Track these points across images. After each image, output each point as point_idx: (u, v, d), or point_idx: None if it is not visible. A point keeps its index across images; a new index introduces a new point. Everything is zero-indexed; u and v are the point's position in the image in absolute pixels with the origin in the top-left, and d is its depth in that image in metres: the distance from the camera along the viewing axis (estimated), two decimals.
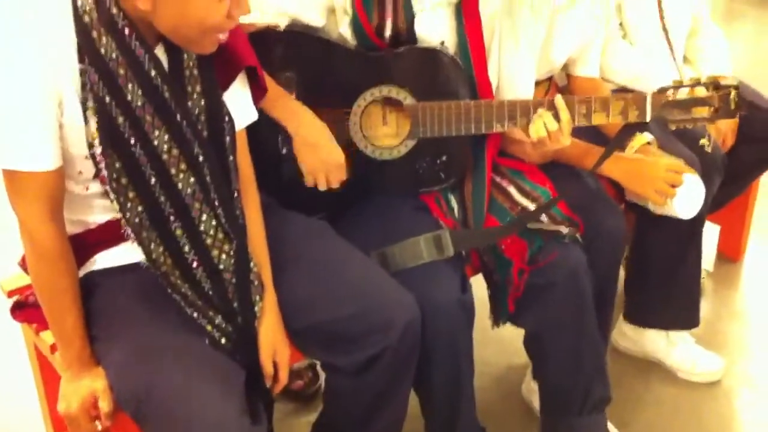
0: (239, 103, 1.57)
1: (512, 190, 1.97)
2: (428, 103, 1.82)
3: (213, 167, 1.47)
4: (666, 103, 1.86)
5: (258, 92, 1.61)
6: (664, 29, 2.45)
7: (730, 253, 3.01)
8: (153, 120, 1.39)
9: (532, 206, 1.93)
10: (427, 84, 1.83)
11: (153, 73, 1.38)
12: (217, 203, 1.49)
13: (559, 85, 2.31)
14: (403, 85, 1.82)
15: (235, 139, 1.51)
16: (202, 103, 1.45)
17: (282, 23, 1.80)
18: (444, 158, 1.88)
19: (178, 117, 1.41)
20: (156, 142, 1.40)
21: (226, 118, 1.49)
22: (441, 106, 1.82)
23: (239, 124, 1.56)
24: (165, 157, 1.41)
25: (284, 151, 1.84)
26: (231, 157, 1.51)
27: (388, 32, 1.81)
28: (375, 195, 1.89)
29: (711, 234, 2.92)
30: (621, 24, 2.41)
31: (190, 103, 1.43)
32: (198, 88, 1.44)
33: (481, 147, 1.93)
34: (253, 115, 1.61)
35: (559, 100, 1.82)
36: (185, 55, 1.42)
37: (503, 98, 1.95)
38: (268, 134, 1.77)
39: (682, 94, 1.87)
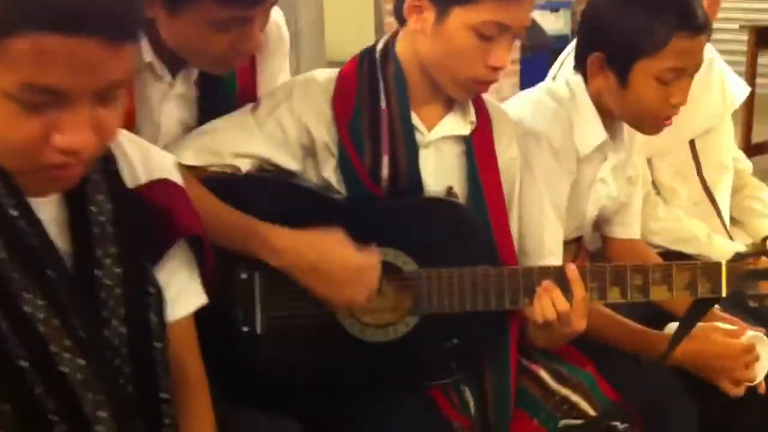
0: (178, 282, 1.22)
1: (545, 375, 1.63)
2: (434, 270, 1.49)
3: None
4: (746, 274, 1.55)
5: (204, 270, 1.27)
6: (705, 186, 2.18)
7: None
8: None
9: (573, 396, 1.59)
10: (434, 246, 1.52)
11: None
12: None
13: (590, 250, 1.98)
14: (402, 247, 1.50)
15: (164, 321, 1.16)
16: (117, 270, 1.11)
17: (243, 166, 1.50)
18: (456, 341, 1.54)
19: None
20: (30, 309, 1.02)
21: (151, 289, 1.14)
22: (451, 275, 1.49)
23: (181, 308, 1.22)
24: (42, 329, 1.03)
25: (245, 329, 1.47)
26: (158, 344, 1.15)
27: (384, 172, 1.51)
28: (365, 389, 1.51)
29: None
30: (653, 182, 2.15)
31: (99, 272, 1.10)
32: (112, 250, 1.10)
33: (503, 324, 1.59)
34: (199, 298, 1.26)
35: (571, 271, 1.50)
36: (93, 208, 1.10)
37: (528, 263, 1.64)
38: (218, 308, 1.36)
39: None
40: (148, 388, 1.13)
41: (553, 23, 7.60)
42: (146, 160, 1.17)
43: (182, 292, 1.23)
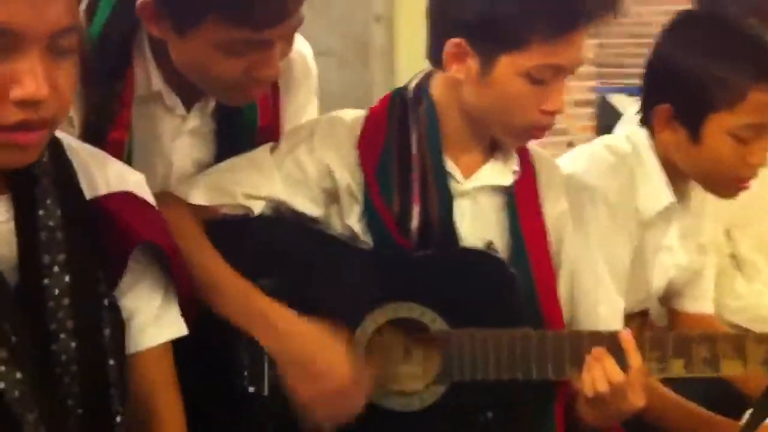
0: (149, 307, 1.12)
1: None
2: (466, 330, 1.34)
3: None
4: None
5: (185, 303, 1.16)
6: None
7: None
8: None
9: None
10: (467, 303, 1.37)
11: None
12: None
13: (658, 326, 1.80)
14: (431, 303, 1.35)
15: (122, 335, 1.08)
16: (65, 278, 1.03)
17: (256, 209, 1.37)
18: (490, 415, 1.36)
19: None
20: None
21: (104, 302, 1.06)
22: (485, 337, 1.33)
23: (153, 336, 1.12)
24: None
25: (251, 389, 1.33)
26: (112, 361, 1.06)
27: (414, 222, 1.37)
28: None
29: None
30: (733, 255, 1.99)
31: (47, 280, 1.03)
32: (61, 258, 1.03)
33: (547, 397, 1.41)
34: (177, 328, 1.15)
35: (626, 337, 1.32)
36: (41, 212, 1.03)
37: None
38: (221, 364, 1.27)
39: None
40: (100, 410, 1.03)
41: (631, 107, 7.48)
42: (106, 171, 1.08)
43: (154, 318, 1.13)
